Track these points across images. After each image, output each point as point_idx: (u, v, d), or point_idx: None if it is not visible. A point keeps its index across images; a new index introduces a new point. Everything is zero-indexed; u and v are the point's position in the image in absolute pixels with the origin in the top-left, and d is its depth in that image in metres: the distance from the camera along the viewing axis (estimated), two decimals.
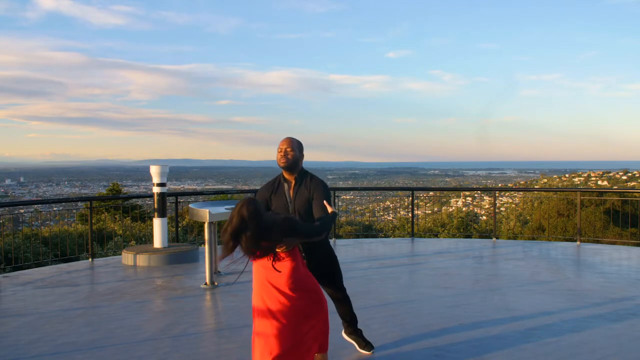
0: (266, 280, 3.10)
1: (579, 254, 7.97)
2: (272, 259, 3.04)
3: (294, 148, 3.52)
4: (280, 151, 3.50)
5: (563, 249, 8.48)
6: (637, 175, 35.00)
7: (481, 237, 11.51)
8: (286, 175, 3.57)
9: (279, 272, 3.07)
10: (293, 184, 3.55)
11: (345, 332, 4.05)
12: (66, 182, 74.72)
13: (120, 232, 11.88)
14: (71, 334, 4.43)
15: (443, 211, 17.03)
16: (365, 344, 3.95)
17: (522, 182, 44.78)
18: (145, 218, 13.95)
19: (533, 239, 11.06)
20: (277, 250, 3.06)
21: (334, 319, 3.90)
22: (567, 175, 40.85)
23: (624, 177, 35.45)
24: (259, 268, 3.13)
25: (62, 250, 8.81)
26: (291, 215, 3.39)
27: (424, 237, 12.04)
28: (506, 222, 14.59)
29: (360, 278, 6.38)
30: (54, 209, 11.98)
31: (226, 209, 6.34)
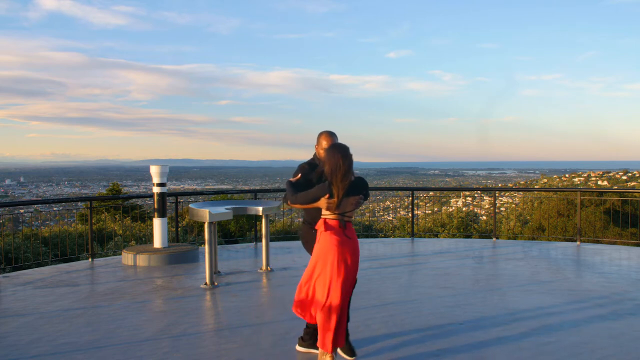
0: (338, 252, 3.45)
1: (579, 254, 7.97)
2: (343, 225, 3.49)
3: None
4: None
5: (563, 249, 8.48)
6: (637, 175, 35.01)
7: (481, 237, 11.51)
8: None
9: (350, 238, 3.51)
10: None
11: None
12: (66, 182, 74.73)
13: (120, 232, 11.88)
14: (71, 334, 4.43)
15: (443, 211, 17.03)
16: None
17: (522, 182, 44.79)
18: (145, 218, 13.95)
19: (533, 239, 11.06)
20: (347, 211, 3.50)
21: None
22: (567, 175, 40.86)
23: (624, 177, 35.46)
24: (330, 242, 3.46)
25: (62, 250, 8.81)
26: None
27: (424, 237, 12.04)
28: (506, 222, 14.59)
29: (360, 278, 6.33)
30: (54, 209, 11.97)
31: (226, 209, 6.34)
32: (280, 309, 5.14)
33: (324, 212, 3.55)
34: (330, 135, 4.04)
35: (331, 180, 3.42)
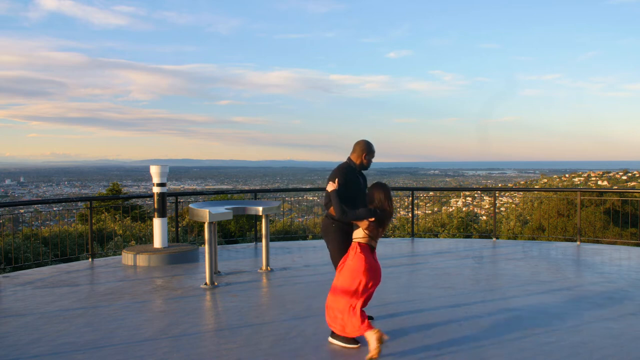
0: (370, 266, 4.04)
1: (579, 254, 7.97)
2: (372, 250, 4.11)
3: None
4: (372, 159, 4.49)
5: (563, 249, 8.48)
6: (637, 175, 35.02)
7: (481, 237, 11.51)
8: (358, 168, 4.46)
9: (376, 261, 4.10)
10: (362, 177, 4.51)
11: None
12: (66, 182, 74.68)
13: (120, 232, 11.88)
14: (71, 334, 4.43)
15: (443, 211, 17.02)
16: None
17: (522, 182, 44.76)
18: (145, 218, 13.95)
19: (533, 239, 11.06)
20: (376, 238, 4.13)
21: None
22: (567, 175, 40.86)
23: (624, 177, 35.47)
24: (362, 261, 4.01)
25: (62, 250, 8.82)
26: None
27: (424, 237, 12.04)
28: (506, 222, 14.58)
29: None
30: (54, 209, 11.98)
31: (226, 209, 6.34)
32: (280, 309, 5.14)
33: (357, 234, 4.09)
34: (368, 145, 4.46)
35: (380, 211, 4.05)
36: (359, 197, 4.29)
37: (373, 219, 4.01)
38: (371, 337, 3.73)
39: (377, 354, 3.68)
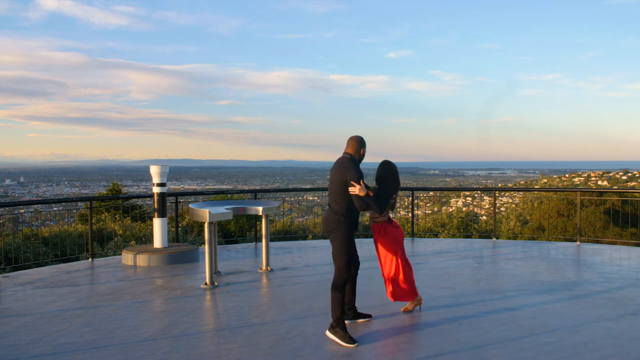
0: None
1: (579, 254, 7.97)
2: (389, 222, 4.86)
3: None
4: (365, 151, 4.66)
5: (563, 249, 8.48)
6: (637, 175, 35.02)
7: (481, 237, 11.50)
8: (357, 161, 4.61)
9: (397, 227, 4.89)
10: None
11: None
12: (66, 182, 74.63)
13: (120, 232, 11.87)
14: (71, 334, 4.43)
15: (443, 211, 17.02)
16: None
17: (522, 182, 44.75)
18: (145, 218, 13.95)
19: (533, 239, 11.06)
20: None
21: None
22: (567, 175, 40.86)
23: (624, 177, 35.47)
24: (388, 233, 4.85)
25: (62, 250, 8.82)
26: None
27: (424, 237, 12.03)
28: (506, 222, 14.58)
29: (360, 278, 6.34)
30: (54, 209, 11.98)
31: (226, 209, 6.34)
32: (280, 309, 5.14)
33: (382, 216, 4.79)
34: (362, 138, 4.67)
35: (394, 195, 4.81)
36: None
37: (396, 196, 4.83)
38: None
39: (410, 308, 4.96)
